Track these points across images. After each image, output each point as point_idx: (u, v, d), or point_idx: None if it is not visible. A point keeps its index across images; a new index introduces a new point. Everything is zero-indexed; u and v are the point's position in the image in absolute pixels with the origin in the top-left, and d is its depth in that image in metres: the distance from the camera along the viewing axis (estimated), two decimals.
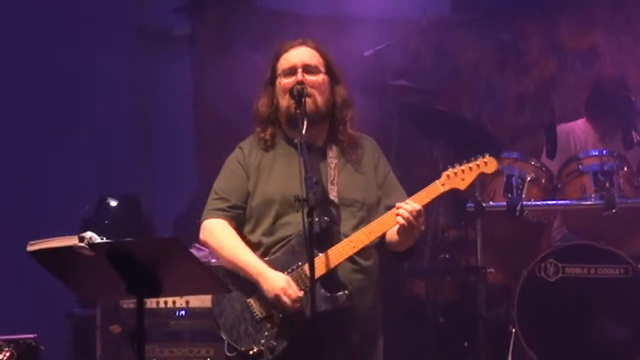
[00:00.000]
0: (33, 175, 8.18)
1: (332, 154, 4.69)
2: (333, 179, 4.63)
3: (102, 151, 8.33)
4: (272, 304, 4.49)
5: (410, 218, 4.45)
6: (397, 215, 4.47)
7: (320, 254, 4.46)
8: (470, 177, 4.63)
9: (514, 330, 6.44)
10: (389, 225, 4.53)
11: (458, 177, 4.61)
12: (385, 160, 4.84)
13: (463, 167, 4.63)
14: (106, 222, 7.20)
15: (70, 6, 8.35)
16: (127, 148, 8.75)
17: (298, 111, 4.55)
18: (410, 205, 4.47)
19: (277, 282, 4.48)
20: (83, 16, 8.41)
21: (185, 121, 8.61)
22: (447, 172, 4.62)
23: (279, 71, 4.72)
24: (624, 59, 8.32)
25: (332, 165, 4.66)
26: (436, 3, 8.49)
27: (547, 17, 8.56)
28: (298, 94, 4.58)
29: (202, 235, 4.74)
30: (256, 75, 4.88)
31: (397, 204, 4.50)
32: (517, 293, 6.47)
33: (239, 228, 4.71)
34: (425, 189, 4.58)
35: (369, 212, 4.65)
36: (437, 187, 4.57)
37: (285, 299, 4.45)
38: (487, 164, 4.66)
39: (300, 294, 4.44)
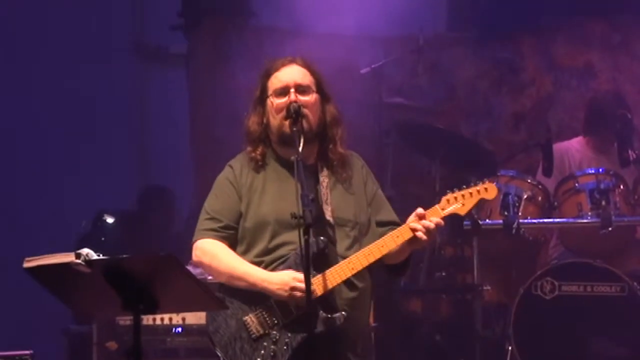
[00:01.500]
0: (29, 191, 8.18)
1: (324, 174, 4.66)
2: (327, 199, 4.59)
3: (99, 167, 8.34)
4: (285, 302, 4.44)
5: (435, 233, 4.51)
6: (417, 230, 4.46)
7: (319, 275, 4.43)
8: (470, 203, 4.62)
9: (510, 348, 6.43)
10: (389, 247, 4.50)
11: (458, 202, 4.60)
12: (373, 178, 4.81)
13: (463, 193, 4.61)
14: (103, 238, 7.20)
15: (69, 23, 8.38)
16: (124, 164, 8.76)
17: (295, 129, 4.53)
18: (432, 222, 4.48)
19: (284, 277, 4.45)
20: (81, 34, 8.44)
21: (181, 138, 8.61)
22: (447, 197, 4.60)
23: (270, 90, 4.66)
24: (620, 77, 8.35)
25: (324, 185, 4.63)
26: (433, 21, 8.52)
27: (543, 35, 8.58)
28: (295, 112, 4.54)
29: (195, 256, 4.66)
30: (252, 92, 4.86)
31: (416, 221, 4.49)
32: (514, 311, 6.46)
33: (231, 248, 4.63)
34: (426, 212, 4.54)
35: (361, 231, 4.63)
36: (437, 212, 4.56)
37: (301, 285, 4.39)
38: (488, 190, 4.64)
39: (310, 280, 4.36)
